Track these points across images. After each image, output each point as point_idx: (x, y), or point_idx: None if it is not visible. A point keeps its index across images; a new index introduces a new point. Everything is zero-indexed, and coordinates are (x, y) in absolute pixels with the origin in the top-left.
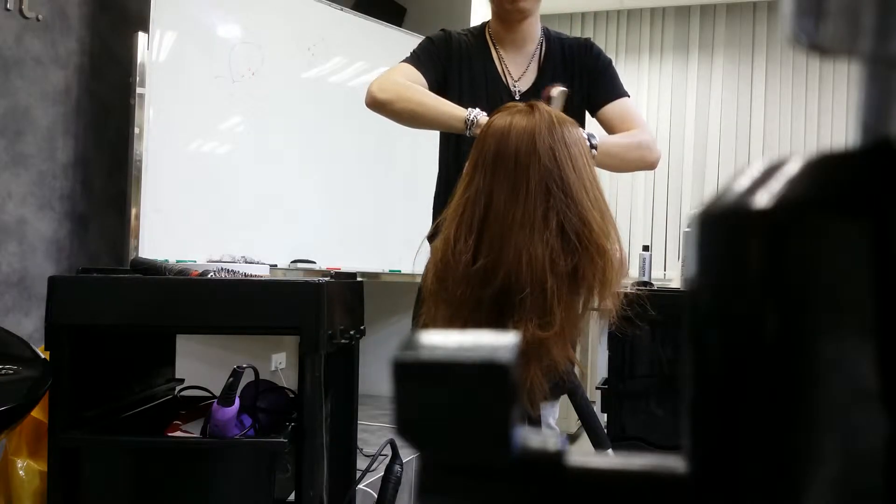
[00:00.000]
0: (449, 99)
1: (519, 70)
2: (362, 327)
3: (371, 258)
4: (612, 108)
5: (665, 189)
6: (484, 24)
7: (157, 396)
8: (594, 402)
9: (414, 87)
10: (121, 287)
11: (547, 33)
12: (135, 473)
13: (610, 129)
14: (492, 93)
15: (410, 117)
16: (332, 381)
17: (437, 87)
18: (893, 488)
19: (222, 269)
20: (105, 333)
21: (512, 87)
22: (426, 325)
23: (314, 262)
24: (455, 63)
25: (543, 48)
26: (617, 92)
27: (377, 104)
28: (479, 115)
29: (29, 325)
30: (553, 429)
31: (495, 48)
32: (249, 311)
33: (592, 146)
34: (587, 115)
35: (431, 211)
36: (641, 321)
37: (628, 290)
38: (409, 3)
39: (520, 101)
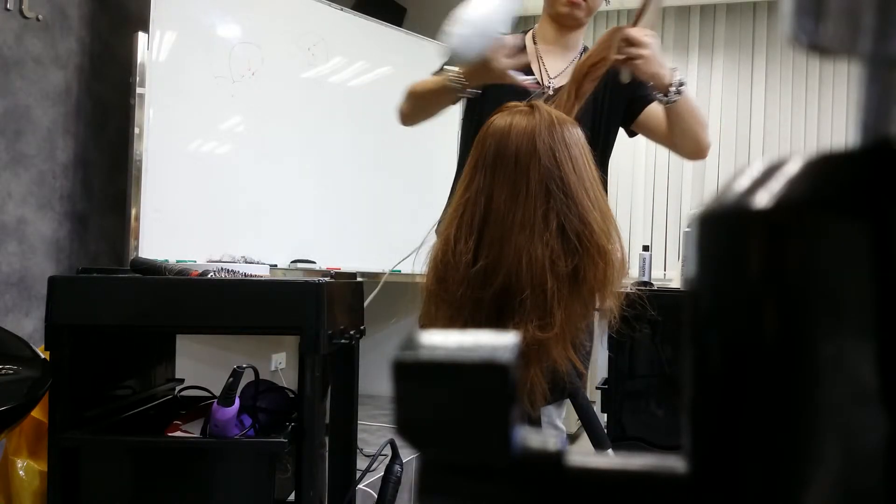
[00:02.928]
0: (485, 93)
1: (557, 69)
2: (362, 327)
3: (371, 258)
4: (658, 106)
5: (665, 189)
6: (523, 32)
7: (157, 396)
8: (594, 402)
9: (416, 83)
10: (121, 287)
11: (587, 49)
12: (135, 473)
13: (658, 122)
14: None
15: (419, 108)
16: (332, 381)
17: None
18: (893, 488)
19: (222, 269)
20: (105, 333)
21: (546, 81)
22: (426, 326)
23: (314, 262)
24: None
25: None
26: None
27: (402, 117)
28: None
29: (29, 325)
30: (560, 429)
31: (535, 48)
32: (249, 311)
33: (679, 89)
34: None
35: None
36: (641, 321)
37: (629, 291)
38: (409, 3)
39: (553, 95)
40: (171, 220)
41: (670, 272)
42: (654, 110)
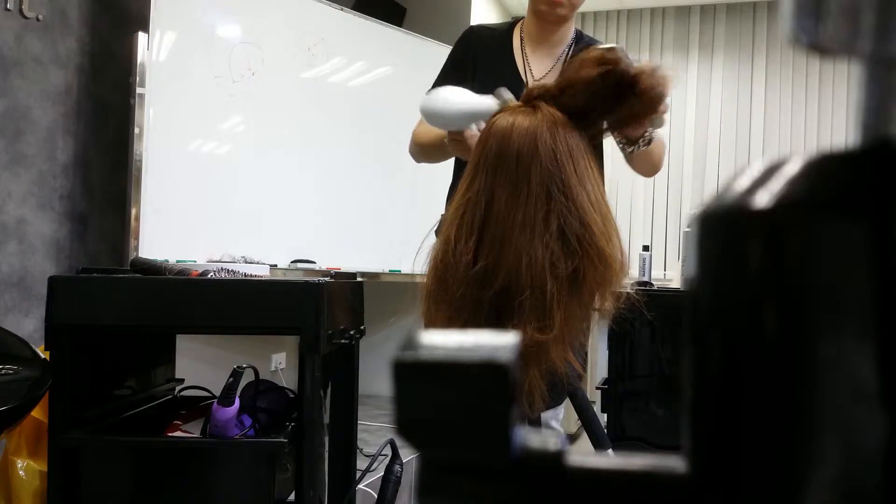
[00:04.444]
0: (477, 77)
1: (542, 69)
2: (362, 327)
3: (371, 258)
4: None
5: (665, 189)
6: (513, 23)
7: (157, 396)
8: (594, 402)
9: (418, 131)
10: (121, 287)
11: (578, 36)
12: (135, 473)
13: None
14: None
15: (426, 156)
16: (332, 381)
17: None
18: (893, 488)
19: (222, 269)
20: (105, 333)
21: (531, 82)
22: (426, 326)
23: (314, 262)
24: (478, 61)
25: (571, 51)
26: None
27: (413, 156)
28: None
29: (29, 325)
30: (557, 430)
31: (522, 46)
32: (249, 311)
33: (650, 139)
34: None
35: (444, 204)
36: (641, 323)
37: (628, 291)
38: (409, 3)
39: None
40: (171, 220)
41: (670, 272)
42: None
